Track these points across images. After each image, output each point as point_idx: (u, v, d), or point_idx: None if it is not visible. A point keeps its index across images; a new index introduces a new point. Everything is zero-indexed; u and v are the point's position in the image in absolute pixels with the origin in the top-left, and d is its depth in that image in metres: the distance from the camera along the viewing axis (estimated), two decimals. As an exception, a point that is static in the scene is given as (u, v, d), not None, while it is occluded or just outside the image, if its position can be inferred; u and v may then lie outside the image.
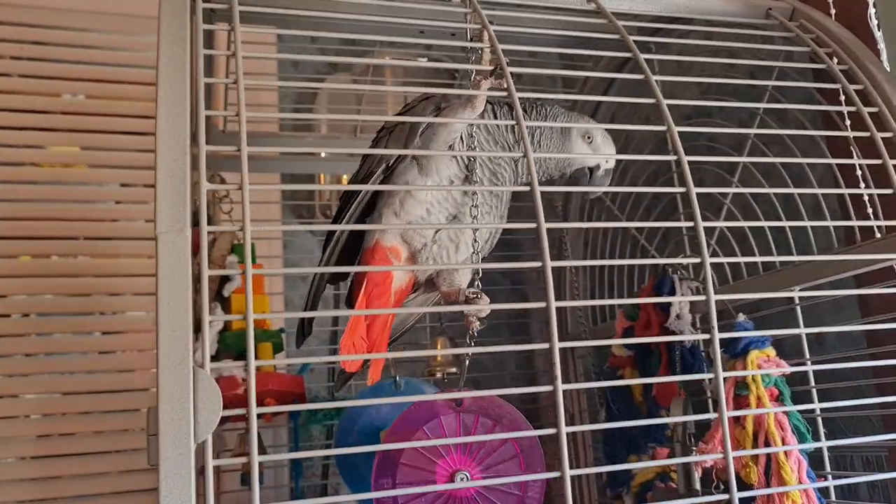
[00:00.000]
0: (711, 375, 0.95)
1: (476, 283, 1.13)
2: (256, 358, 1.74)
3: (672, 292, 1.60)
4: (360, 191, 1.12)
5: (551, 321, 0.90)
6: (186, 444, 0.75)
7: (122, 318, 2.38)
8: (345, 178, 2.05)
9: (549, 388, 0.89)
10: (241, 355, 1.74)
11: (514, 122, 0.99)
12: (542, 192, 0.92)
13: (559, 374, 0.89)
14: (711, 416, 0.96)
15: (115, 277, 2.36)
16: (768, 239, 1.47)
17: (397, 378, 1.51)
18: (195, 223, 1.53)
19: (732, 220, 1.57)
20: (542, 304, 0.91)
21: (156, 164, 0.82)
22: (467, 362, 1.17)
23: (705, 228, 1.62)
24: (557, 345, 0.89)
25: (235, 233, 1.81)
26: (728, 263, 1.58)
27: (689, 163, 1.56)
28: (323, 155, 2.03)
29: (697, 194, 1.47)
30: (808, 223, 1.20)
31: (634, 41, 1.41)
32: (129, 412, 2.25)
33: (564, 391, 2.08)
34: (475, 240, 1.13)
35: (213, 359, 1.66)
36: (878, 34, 1.34)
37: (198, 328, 1.69)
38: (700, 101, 1.29)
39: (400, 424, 1.20)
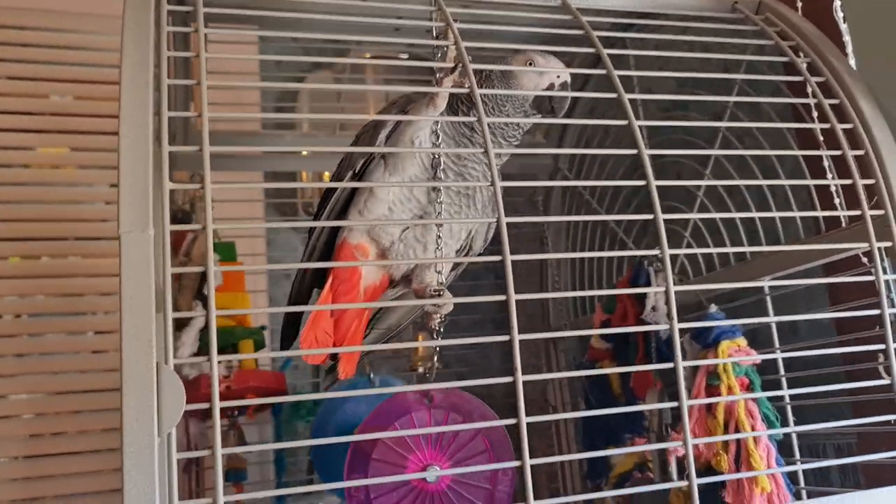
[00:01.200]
0: (671, 365, 0.96)
1: (439, 280, 1.14)
2: (235, 353, 1.78)
3: (648, 284, 1.62)
4: (333, 195, 1.14)
5: (511, 314, 0.92)
6: (150, 438, 0.77)
7: (113, 317, 2.39)
8: (326, 175, 2.07)
9: (508, 378, 0.91)
10: (222, 352, 1.77)
11: (474, 119, 1.01)
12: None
13: (519, 367, 0.90)
14: (671, 405, 0.97)
15: (105, 277, 2.38)
16: (741, 231, 1.49)
17: (371, 375, 1.53)
18: (174, 221, 1.55)
19: (707, 213, 1.58)
20: (502, 297, 0.92)
21: (118, 164, 0.83)
22: (436, 358, 1.19)
23: (679, 221, 1.66)
24: (517, 337, 0.91)
25: (217, 231, 1.83)
26: (702, 255, 1.60)
27: (666, 156, 1.59)
28: (304, 153, 2.04)
29: (671, 187, 1.50)
30: (775, 214, 1.22)
31: (605, 36, 1.43)
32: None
33: (549, 383, 2.11)
34: (439, 236, 1.14)
35: (195, 356, 1.69)
36: (844, 26, 1.35)
37: (179, 326, 1.72)
38: (667, 95, 1.30)
39: (372, 420, 1.22)
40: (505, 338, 0.91)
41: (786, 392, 1.26)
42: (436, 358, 1.19)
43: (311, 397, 1.05)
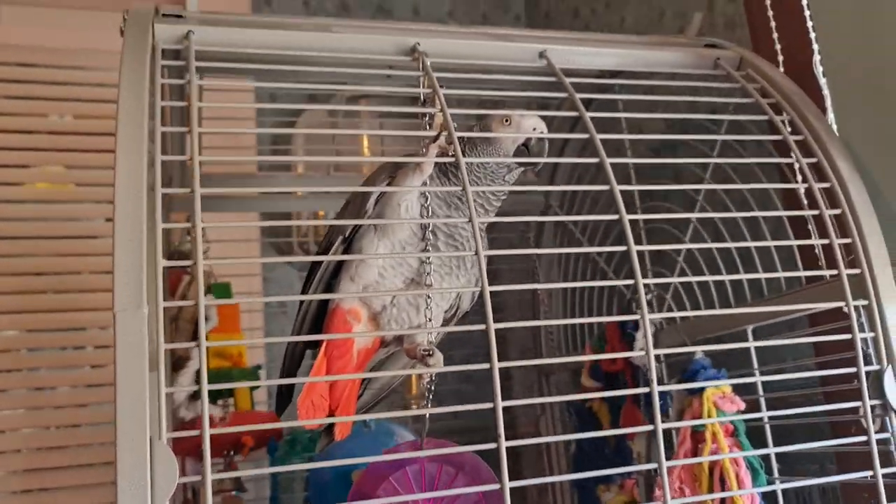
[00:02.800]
0: (650, 427, 0.99)
1: (430, 342, 1.17)
2: (234, 397, 1.81)
3: (636, 327, 1.65)
4: (321, 264, 1.17)
5: (490, 342, 0.94)
6: (143, 513, 0.80)
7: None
8: (321, 213, 2.10)
9: (488, 405, 0.94)
10: (218, 395, 1.79)
11: (459, 189, 1.04)
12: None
13: (498, 392, 0.94)
14: (650, 466, 1.00)
15: (105, 293, 2.40)
16: (725, 279, 1.52)
17: (367, 420, 1.55)
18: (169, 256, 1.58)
19: (692, 258, 1.61)
20: (481, 327, 0.95)
21: (113, 241, 0.86)
22: (427, 417, 1.21)
23: (667, 263, 1.70)
24: (497, 364, 0.93)
25: (212, 272, 1.86)
26: (689, 301, 1.63)
27: (656, 196, 1.61)
28: (299, 193, 2.07)
29: (659, 227, 1.53)
30: (761, 276, 1.26)
31: (593, 83, 1.46)
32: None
33: (542, 419, 2.12)
34: (429, 297, 1.17)
35: (191, 398, 1.72)
36: (823, 80, 1.39)
37: (175, 368, 1.74)
38: (646, 160, 1.34)
39: (370, 471, 1.25)
40: (485, 366, 0.93)
41: (771, 449, 1.29)
42: (427, 418, 1.22)
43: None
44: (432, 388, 1.19)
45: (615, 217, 1.07)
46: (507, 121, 1.18)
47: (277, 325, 2.25)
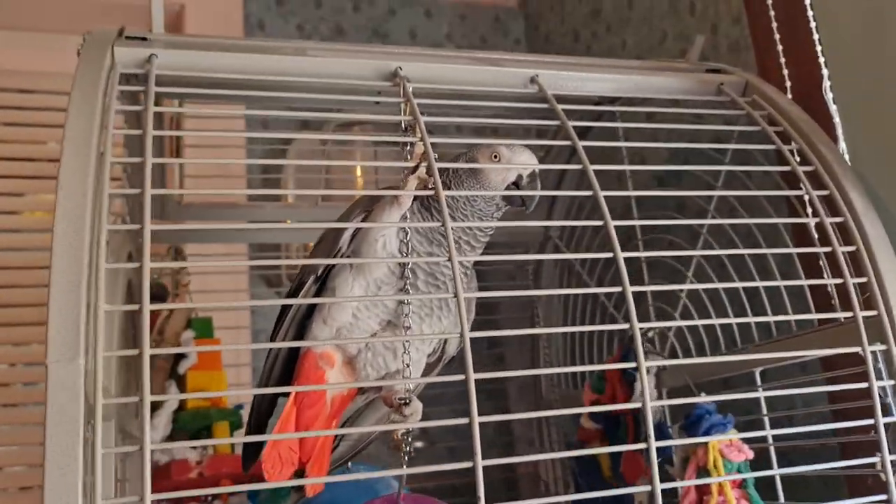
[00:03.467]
0: (647, 488, 0.90)
1: (408, 389, 1.08)
2: (210, 436, 1.71)
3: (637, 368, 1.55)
4: (292, 305, 1.09)
5: (470, 394, 0.85)
6: None
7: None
8: (310, 245, 2.02)
9: (468, 464, 0.85)
10: (195, 435, 1.70)
11: (438, 224, 0.95)
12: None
13: (479, 451, 0.85)
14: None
15: None
16: (731, 318, 1.43)
17: (349, 465, 1.46)
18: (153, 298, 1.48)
19: (696, 296, 1.52)
20: (460, 377, 0.86)
21: (49, 281, 0.78)
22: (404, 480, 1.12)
23: (671, 302, 1.61)
24: (477, 419, 0.84)
25: (192, 308, 1.78)
26: (693, 337, 1.53)
27: (658, 228, 1.52)
28: (289, 222, 2.00)
29: (660, 264, 1.43)
30: (770, 318, 1.17)
31: (590, 110, 1.38)
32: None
33: (543, 461, 2.03)
34: (406, 347, 1.08)
35: (168, 440, 1.63)
36: (833, 107, 1.30)
37: (152, 408, 1.65)
38: (646, 192, 1.25)
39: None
40: (464, 421, 0.84)
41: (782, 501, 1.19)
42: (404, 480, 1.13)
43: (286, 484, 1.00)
44: (409, 439, 1.09)
45: (610, 255, 0.99)
46: (495, 156, 1.09)
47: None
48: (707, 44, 1.66)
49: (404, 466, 1.07)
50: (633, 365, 0.97)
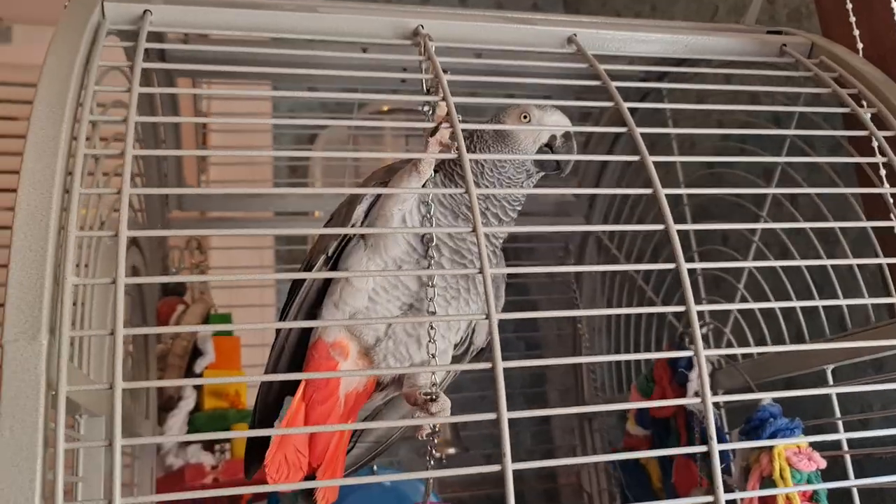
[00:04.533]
0: (709, 498, 0.76)
1: (434, 384, 0.95)
2: (230, 442, 1.61)
3: (689, 366, 1.41)
4: (303, 285, 0.97)
5: (498, 383, 0.72)
6: None
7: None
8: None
9: (496, 467, 0.72)
10: (212, 441, 1.60)
11: (461, 190, 0.83)
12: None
13: (508, 452, 0.71)
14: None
15: None
16: (797, 310, 1.28)
17: (374, 468, 1.34)
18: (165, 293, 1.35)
19: (755, 286, 1.38)
20: (487, 365, 0.73)
21: (10, 253, 0.68)
22: (431, 482, 1.00)
23: (726, 295, 1.46)
24: (506, 414, 0.71)
25: (210, 303, 1.68)
26: (753, 333, 1.38)
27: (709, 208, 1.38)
28: (318, 214, 1.90)
29: (711, 254, 1.28)
30: (842, 301, 1.02)
31: (637, 87, 1.25)
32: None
33: (584, 467, 1.89)
34: (432, 331, 0.95)
35: (181, 445, 1.53)
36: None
37: (166, 408, 1.55)
38: (689, 157, 1.11)
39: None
40: (490, 416, 0.72)
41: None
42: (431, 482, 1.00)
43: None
44: (435, 440, 0.96)
45: (660, 227, 0.85)
46: (525, 116, 0.97)
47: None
48: (763, 15, 1.51)
49: (430, 462, 0.95)
50: (688, 353, 0.83)
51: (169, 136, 1.54)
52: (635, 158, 0.88)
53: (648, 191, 0.86)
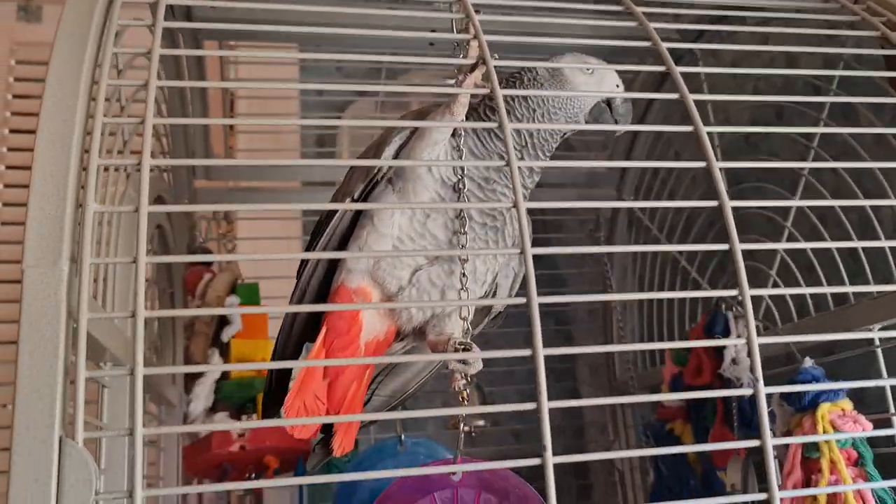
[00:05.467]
0: (757, 443, 0.72)
1: (466, 332, 0.92)
2: (255, 409, 1.60)
3: (725, 333, 1.37)
4: (326, 228, 0.94)
5: (539, 372, 0.69)
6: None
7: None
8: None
9: (536, 460, 0.69)
10: (241, 408, 1.58)
11: (495, 124, 0.80)
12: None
13: (549, 444, 0.69)
14: (760, 496, 0.72)
15: None
16: (840, 268, 1.23)
17: (402, 437, 1.31)
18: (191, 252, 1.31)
19: (796, 251, 1.33)
20: (527, 352, 0.70)
21: (31, 179, 0.66)
22: (463, 427, 0.97)
23: (764, 256, 1.41)
24: (546, 404, 0.69)
25: (237, 273, 1.66)
26: (793, 297, 1.33)
27: (746, 179, 1.34)
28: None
29: (752, 215, 1.24)
30: (886, 243, 0.96)
31: (672, 48, 1.21)
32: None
33: (615, 442, 1.85)
34: (464, 275, 0.92)
35: (210, 411, 1.52)
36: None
37: (192, 376, 1.54)
38: (744, 129, 1.07)
39: (394, 491, 1.01)
40: (530, 406, 0.69)
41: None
42: (463, 428, 0.97)
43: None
44: (467, 391, 0.93)
45: (713, 203, 0.80)
46: (589, 70, 0.95)
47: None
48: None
49: (463, 402, 0.91)
50: (741, 341, 0.78)
51: (196, 104, 1.52)
52: (688, 129, 0.84)
53: (702, 164, 0.82)
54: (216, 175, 1.71)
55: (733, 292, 0.77)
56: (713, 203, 0.79)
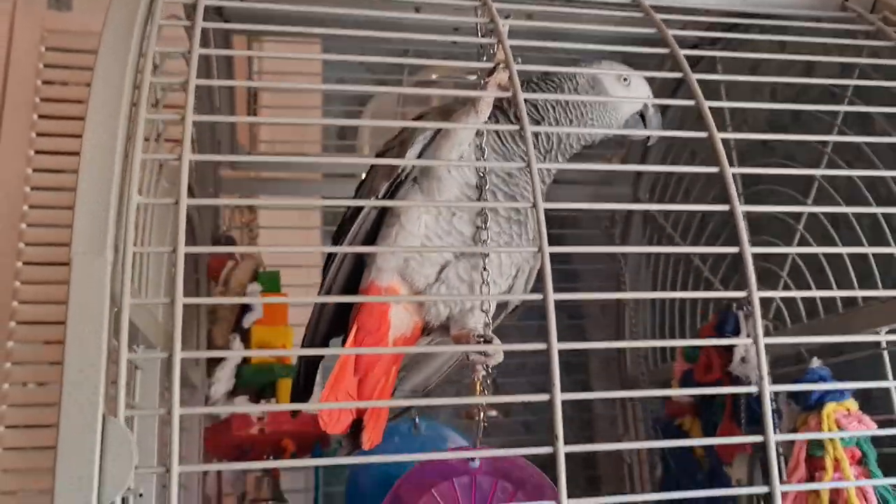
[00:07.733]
0: (761, 438, 0.75)
1: (487, 325, 0.96)
2: (276, 395, 1.64)
3: (736, 331, 1.39)
4: (351, 228, 0.98)
5: (553, 367, 0.73)
6: (87, 509, 0.62)
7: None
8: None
9: (548, 449, 0.73)
10: (261, 392, 1.63)
11: (516, 127, 0.83)
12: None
13: (561, 435, 0.72)
14: (761, 489, 0.76)
15: None
16: (849, 271, 1.25)
17: (417, 420, 1.35)
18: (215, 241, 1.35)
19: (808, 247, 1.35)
20: (542, 346, 0.74)
21: (79, 171, 0.70)
22: (483, 415, 1.00)
23: (775, 258, 1.44)
24: (559, 396, 0.72)
25: (259, 261, 1.70)
26: (803, 298, 1.36)
27: (760, 183, 1.36)
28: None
29: (765, 219, 1.26)
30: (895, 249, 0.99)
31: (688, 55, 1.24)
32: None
33: (624, 435, 1.88)
34: (485, 269, 0.95)
35: (230, 395, 1.56)
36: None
37: (214, 361, 1.58)
38: (758, 136, 1.10)
39: (413, 475, 1.06)
40: (543, 397, 0.72)
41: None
42: (483, 416, 1.01)
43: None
44: (489, 382, 0.97)
45: (726, 207, 0.83)
46: (623, 78, 0.98)
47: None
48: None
49: (484, 391, 0.95)
50: (749, 341, 0.81)
51: (223, 94, 1.56)
52: (703, 135, 0.87)
53: (714, 169, 0.85)
54: (241, 166, 1.75)
55: (742, 294, 0.80)
56: (724, 207, 0.82)
